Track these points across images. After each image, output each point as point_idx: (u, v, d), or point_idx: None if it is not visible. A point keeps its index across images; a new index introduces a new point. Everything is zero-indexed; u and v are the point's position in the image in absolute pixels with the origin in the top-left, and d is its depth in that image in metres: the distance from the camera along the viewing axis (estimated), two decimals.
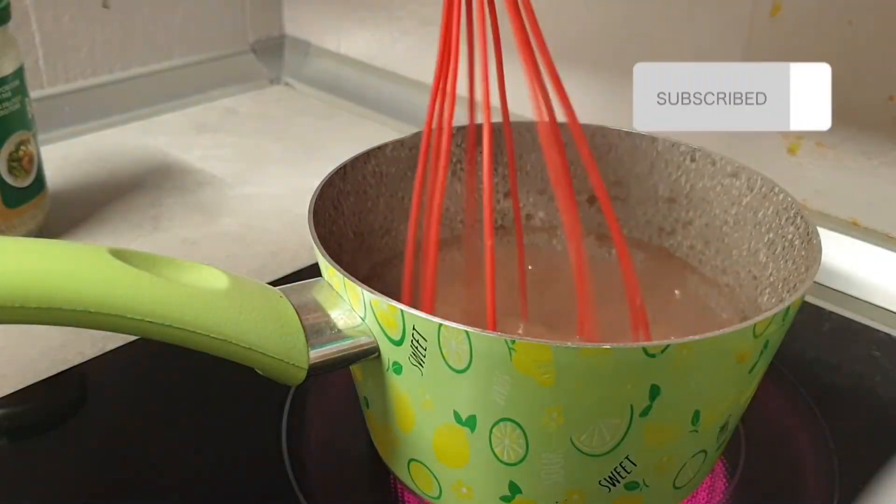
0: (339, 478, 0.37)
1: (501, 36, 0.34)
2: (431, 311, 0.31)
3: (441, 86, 0.33)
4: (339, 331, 0.31)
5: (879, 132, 0.49)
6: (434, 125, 0.34)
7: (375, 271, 0.41)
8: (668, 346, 0.27)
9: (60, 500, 0.36)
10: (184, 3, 0.76)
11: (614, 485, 0.30)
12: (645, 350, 0.27)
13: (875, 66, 0.48)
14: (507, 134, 0.39)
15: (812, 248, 0.33)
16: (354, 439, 0.38)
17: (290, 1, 0.83)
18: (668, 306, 0.41)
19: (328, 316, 0.31)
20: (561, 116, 0.34)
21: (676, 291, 0.42)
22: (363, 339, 0.31)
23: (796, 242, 0.35)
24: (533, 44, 0.32)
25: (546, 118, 0.33)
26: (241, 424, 0.40)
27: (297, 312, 0.31)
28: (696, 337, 0.27)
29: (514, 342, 0.27)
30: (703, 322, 0.40)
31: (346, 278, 0.30)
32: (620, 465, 0.30)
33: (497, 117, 0.35)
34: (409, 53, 0.73)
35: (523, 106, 0.35)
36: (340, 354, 0.31)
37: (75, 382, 0.42)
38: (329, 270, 0.32)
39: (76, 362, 0.43)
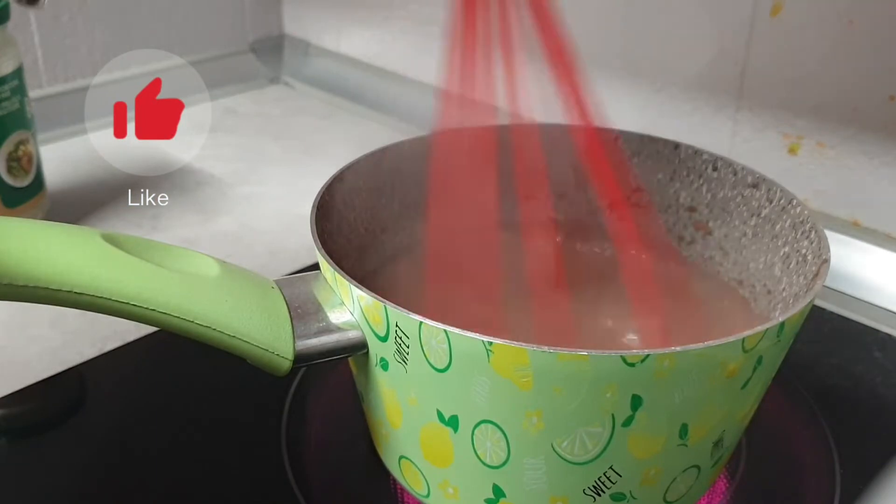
0: (339, 478, 0.37)
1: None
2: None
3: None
4: (328, 324, 0.30)
5: (880, 132, 0.49)
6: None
7: (386, 268, 0.41)
8: (647, 355, 0.26)
9: (60, 500, 0.35)
10: (184, 3, 0.75)
11: (599, 494, 0.30)
12: (623, 359, 0.26)
13: (875, 66, 0.48)
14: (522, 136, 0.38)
15: (823, 265, 0.32)
16: (354, 439, 0.38)
17: (290, 1, 0.82)
18: (682, 317, 0.40)
19: (320, 309, 0.31)
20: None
21: (692, 302, 0.41)
22: (351, 334, 0.30)
23: (809, 257, 0.35)
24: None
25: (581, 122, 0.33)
26: (240, 424, 0.40)
27: (287, 303, 0.30)
28: (678, 348, 0.26)
29: (490, 343, 0.26)
30: (715, 335, 0.39)
31: (336, 272, 0.30)
32: (604, 474, 0.29)
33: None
34: (409, 53, 0.73)
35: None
36: (327, 347, 0.30)
37: (75, 382, 0.42)
38: (323, 264, 0.32)
39: (76, 362, 0.43)
